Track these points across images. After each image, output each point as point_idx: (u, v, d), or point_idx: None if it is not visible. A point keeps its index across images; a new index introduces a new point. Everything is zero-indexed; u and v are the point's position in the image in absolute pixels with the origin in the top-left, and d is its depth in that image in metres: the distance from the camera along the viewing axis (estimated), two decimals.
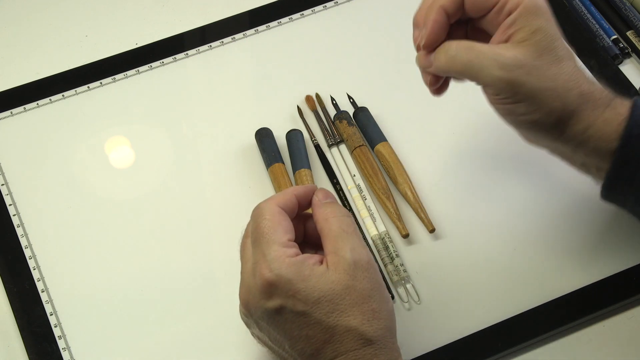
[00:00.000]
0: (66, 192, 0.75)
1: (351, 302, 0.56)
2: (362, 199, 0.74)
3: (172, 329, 0.69)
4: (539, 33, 0.62)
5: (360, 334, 0.56)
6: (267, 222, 0.58)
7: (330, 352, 0.56)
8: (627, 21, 0.84)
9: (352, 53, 0.83)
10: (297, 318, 0.56)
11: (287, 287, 0.56)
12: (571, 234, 0.72)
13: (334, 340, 0.56)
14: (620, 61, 0.82)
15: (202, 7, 0.87)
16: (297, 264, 0.57)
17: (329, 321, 0.56)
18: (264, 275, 0.56)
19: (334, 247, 0.58)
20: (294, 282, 0.56)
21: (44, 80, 0.82)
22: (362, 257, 0.57)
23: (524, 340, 0.67)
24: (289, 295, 0.56)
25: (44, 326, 0.69)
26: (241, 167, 0.76)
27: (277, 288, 0.56)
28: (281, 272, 0.56)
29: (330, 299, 0.56)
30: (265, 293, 0.57)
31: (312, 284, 0.56)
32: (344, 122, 0.77)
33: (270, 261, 0.57)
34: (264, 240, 0.58)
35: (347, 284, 0.56)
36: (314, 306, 0.56)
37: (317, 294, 0.56)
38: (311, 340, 0.56)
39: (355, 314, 0.56)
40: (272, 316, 0.57)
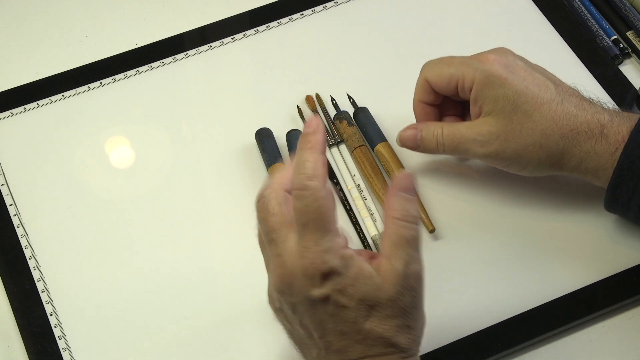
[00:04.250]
0: (66, 192, 0.75)
1: (390, 314, 0.56)
2: (362, 199, 0.74)
3: (172, 329, 0.69)
4: (499, 101, 0.66)
5: (392, 343, 0.56)
6: (322, 206, 0.55)
7: (358, 352, 0.56)
8: (627, 21, 0.84)
9: (352, 53, 0.83)
10: (337, 312, 0.55)
11: (336, 280, 0.55)
12: (571, 234, 0.72)
13: (365, 342, 0.56)
14: (620, 61, 0.82)
15: (202, 7, 0.87)
16: (348, 259, 0.55)
17: (365, 324, 0.55)
18: (315, 263, 0.55)
19: (390, 253, 0.56)
20: (343, 276, 0.55)
21: (44, 80, 0.82)
22: (414, 273, 0.56)
23: (524, 340, 0.67)
24: (336, 288, 0.55)
25: (44, 326, 0.69)
26: (241, 167, 0.76)
27: (326, 279, 0.55)
28: (333, 264, 0.54)
29: (371, 305, 0.55)
30: (312, 280, 0.55)
31: (359, 284, 0.55)
32: (344, 122, 0.77)
33: (324, 250, 0.55)
34: (319, 225, 0.55)
35: (391, 297, 0.55)
36: (355, 306, 0.55)
37: (360, 295, 0.55)
38: (343, 336, 0.56)
39: (391, 325, 0.56)
40: (313, 304, 0.56)
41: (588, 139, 0.65)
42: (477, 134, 0.68)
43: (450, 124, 0.70)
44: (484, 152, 0.68)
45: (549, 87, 0.67)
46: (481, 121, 0.68)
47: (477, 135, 0.68)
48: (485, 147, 0.67)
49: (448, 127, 0.69)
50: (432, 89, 0.71)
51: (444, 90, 0.70)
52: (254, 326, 0.68)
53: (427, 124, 0.71)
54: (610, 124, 0.65)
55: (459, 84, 0.69)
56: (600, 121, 0.65)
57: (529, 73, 0.67)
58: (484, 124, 0.67)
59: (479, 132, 0.67)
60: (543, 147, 0.66)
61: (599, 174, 0.66)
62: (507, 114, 0.66)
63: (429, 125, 0.71)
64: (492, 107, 0.67)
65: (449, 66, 0.69)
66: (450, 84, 0.69)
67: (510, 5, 0.86)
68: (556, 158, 0.66)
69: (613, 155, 0.65)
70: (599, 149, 0.65)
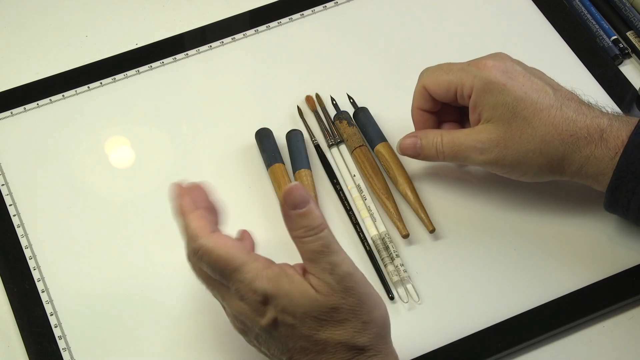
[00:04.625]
0: (66, 192, 0.75)
1: (339, 320, 0.56)
2: (362, 199, 0.74)
3: (172, 329, 0.69)
4: (499, 108, 0.66)
5: (351, 345, 0.56)
6: (218, 254, 0.57)
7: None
8: (627, 21, 0.84)
9: (352, 53, 0.83)
10: (289, 330, 0.56)
11: (274, 303, 0.56)
12: (571, 234, 0.72)
13: (327, 351, 0.56)
14: (620, 61, 0.82)
15: (202, 7, 0.87)
16: (275, 277, 0.56)
17: (318, 336, 0.56)
18: (249, 297, 0.56)
19: (313, 270, 0.57)
20: (277, 297, 0.56)
21: (44, 80, 0.82)
22: (344, 274, 0.56)
23: (524, 340, 0.67)
24: (278, 309, 0.56)
25: (44, 326, 0.69)
26: (241, 167, 0.76)
27: (264, 304, 0.56)
28: (264, 288, 0.56)
29: (315, 317, 0.56)
30: (256, 311, 0.57)
31: (296, 301, 0.56)
32: (344, 122, 0.77)
33: (249, 282, 0.56)
34: (230, 269, 0.57)
35: (333, 305, 0.56)
36: (301, 321, 0.56)
37: (301, 309, 0.56)
38: (306, 351, 0.57)
39: (345, 329, 0.56)
40: (268, 332, 0.57)
41: (588, 144, 0.65)
42: (476, 141, 0.67)
43: (449, 132, 0.70)
44: (483, 160, 0.68)
45: (547, 93, 0.67)
46: (480, 128, 0.68)
47: (476, 142, 0.67)
48: (485, 154, 0.67)
49: (447, 135, 0.69)
50: (430, 96, 0.71)
51: (443, 97, 0.70)
52: None
53: (426, 132, 0.71)
54: (610, 128, 0.65)
55: (458, 91, 0.68)
56: (599, 125, 0.65)
57: (528, 78, 0.67)
58: (484, 131, 0.67)
59: (479, 139, 0.67)
60: (543, 153, 0.66)
61: (599, 178, 0.66)
62: (506, 120, 0.66)
63: (428, 133, 0.70)
64: (491, 114, 0.67)
65: (447, 73, 0.69)
66: (449, 91, 0.69)
67: (510, 5, 0.86)
68: (556, 164, 0.66)
69: (613, 160, 0.65)
70: (598, 153, 0.65)
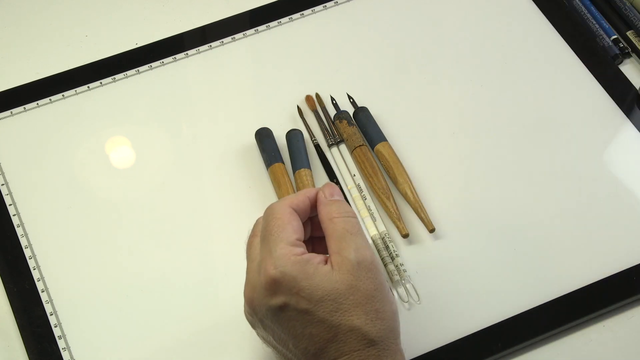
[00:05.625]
0: (66, 192, 0.75)
1: (354, 302, 0.56)
2: (362, 198, 0.74)
3: (172, 329, 0.69)
4: None
5: (363, 334, 0.56)
6: (276, 221, 0.58)
7: (333, 352, 0.56)
8: (627, 21, 0.84)
9: (352, 53, 0.83)
10: (300, 316, 0.56)
11: (291, 285, 0.56)
12: (571, 233, 0.72)
13: (338, 339, 0.56)
14: (620, 61, 0.82)
15: (202, 7, 0.87)
16: (302, 262, 0.56)
17: (332, 320, 0.56)
18: (268, 273, 0.56)
19: (338, 248, 0.57)
20: (297, 279, 0.56)
21: (44, 80, 0.82)
22: (366, 258, 0.57)
23: (524, 340, 0.67)
24: (293, 292, 0.56)
25: (44, 326, 0.69)
26: (241, 167, 0.76)
27: (281, 285, 0.56)
28: (286, 269, 0.56)
29: (333, 298, 0.56)
30: (269, 290, 0.57)
31: (316, 283, 0.56)
32: (344, 122, 0.77)
33: (276, 258, 0.56)
34: (272, 239, 0.58)
35: (351, 284, 0.56)
36: (317, 304, 0.56)
37: (320, 292, 0.56)
38: (315, 338, 0.56)
39: (358, 314, 0.56)
40: (276, 314, 0.57)
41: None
42: None
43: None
44: None
45: None
46: None
47: None
48: None
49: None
50: None
51: None
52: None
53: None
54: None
55: None
56: None
57: None
58: None
59: None
60: None
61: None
62: None
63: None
64: None
65: None
66: None
67: (510, 5, 0.86)
68: None
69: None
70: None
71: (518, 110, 0.79)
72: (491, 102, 0.79)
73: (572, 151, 0.76)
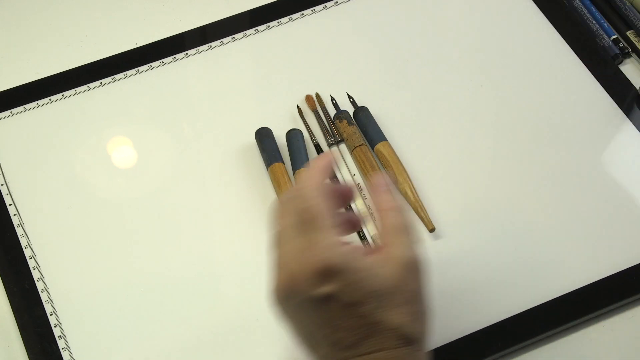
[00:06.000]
0: (66, 192, 0.75)
1: (399, 302, 0.55)
2: (362, 198, 0.74)
3: (172, 329, 0.69)
4: None
5: (402, 334, 0.54)
6: (320, 206, 0.55)
7: (368, 346, 0.54)
8: (627, 21, 0.84)
9: (352, 53, 0.83)
10: (343, 309, 0.54)
11: (339, 277, 0.54)
12: (571, 233, 0.72)
13: (375, 336, 0.54)
14: (620, 61, 0.82)
15: (202, 7, 0.87)
16: (350, 253, 0.54)
17: (374, 316, 0.54)
18: (315, 262, 0.54)
19: (389, 242, 0.56)
20: (345, 272, 0.54)
21: (44, 80, 0.82)
22: (413, 257, 0.56)
23: (524, 339, 0.67)
24: (342, 284, 0.54)
25: (44, 326, 0.69)
26: (241, 167, 0.76)
27: (328, 276, 0.54)
28: (335, 260, 0.54)
29: (378, 295, 0.54)
30: (314, 280, 0.54)
31: (363, 277, 0.54)
32: (344, 121, 0.77)
33: (324, 248, 0.54)
34: (317, 225, 0.55)
35: (397, 283, 0.55)
36: (362, 299, 0.54)
37: (367, 287, 0.54)
38: (353, 332, 0.54)
39: (401, 314, 0.54)
40: (317, 304, 0.54)
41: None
42: None
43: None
44: None
45: None
46: None
47: None
48: None
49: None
50: None
51: None
52: (253, 325, 0.68)
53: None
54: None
55: None
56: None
57: None
58: None
59: None
60: None
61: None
62: None
63: None
64: None
65: None
66: None
67: (510, 5, 0.86)
68: None
69: None
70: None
71: (518, 110, 0.79)
72: (491, 102, 0.79)
73: (572, 151, 0.76)
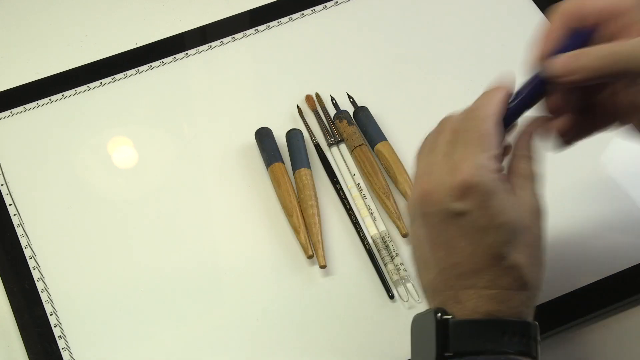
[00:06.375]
0: (66, 192, 0.75)
1: (525, 242, 0.54)
2: (362, 198, 0.74)
3: (172, 329, 0.69)
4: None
5: (521, 275, 0.54)
6: (490, 126, 0.55)
7: (485, 281, 0.54)
8: None
9: (352, 53, 0.83)
10: (473, 231, 0.53)
11: (481, 198, 0.53)
12: (570, 233, 0.72)
13: (494, 270, 0.53)
14: None
15: (202, 7, 0.87)
16: (499, 181, 0.54)
17: (500, 249, 0.53)
18: (464, 175, 0.53)
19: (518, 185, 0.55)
20: (489, 195, 0.53)
21: (44, 80, 0.82)
22: (541, 205, 0.56)
23: None
24: (479, 206, 0.53)
25: (44, 326, 0.69)
26: (241, 167, 0.76)
27: (471, 194, 0.53)
28: (483, 180, 0.53)
29: (511, 231, 0.53)
30: (457, 192, 0.53)
31: (503, 207, 0.53)
32: (344, 121, 0.77)
33: (478, 165, 0.53)
34: (477, 143, 0.54)
35: (529, 224, 0.54)
36: (494, 228, 0.53)
37: (504, 218, 0.53)
38: (473, 259, 0.54)
39: (524, 254, 0.54)
40: (450, 218, 0.54)
41: None
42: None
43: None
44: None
45: None
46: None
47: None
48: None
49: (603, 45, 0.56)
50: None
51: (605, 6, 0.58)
52: (253, 325, 0.68)
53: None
54: None
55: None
56: None
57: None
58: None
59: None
60: None
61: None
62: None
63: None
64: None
65: None
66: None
67: (510, 5, 0.86)
68: None
69: None
70: None
71: None
72: None
73: (572, 151, 0.76)
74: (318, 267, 0.70)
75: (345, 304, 0.69)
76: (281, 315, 0.69)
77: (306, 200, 0.72)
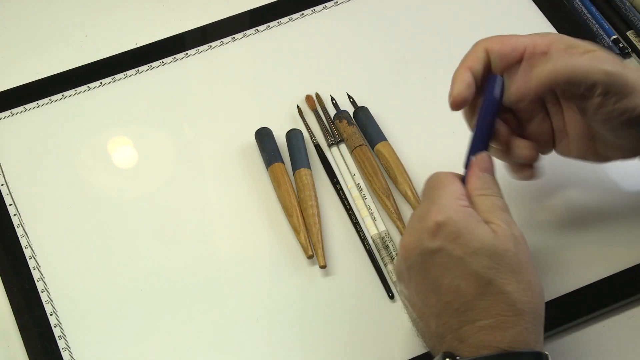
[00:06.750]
0: (66, 192, 0.75)
1: (509, 268, 0.55)
2: (362, 198, 0.74)
3: (172, 329, 0.69)
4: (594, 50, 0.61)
5: (512, 301, 0.54)
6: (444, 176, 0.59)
7: (479, 311, 0.54)
8: (627, 21, 0.84)
9: (352, 53, 0.83)
10: (453, 264, 0.55)
11: (451, 230, 0.55)
12: (570, 233, 0.72)
13: (486, 298, 0.54)
14: None
15: (202, 6, 0.87)
16: (466, 212, 0.56)
17: (485, 274, 0.54)
18: (431, 217, 0.56)
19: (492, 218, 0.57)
20: (459, 226, 0.55)
21: (44, 80, 0.82)
22: (518, 232, 0.57)
23: None
24: (451, 238, 0.55)
25: (44, 326, 0.69)
26: (241, 167, 0.76)
27: (441, 229, 0.55)
28: (449, 214, 0.55)
29: (489, 254, 0.54)
30: (429, 234, 0.55)
31: (477, 234, 0.55)
32: (344, 121, 0.77)
33: (441, 205, 0.56)
34: (437, 193, 0.57)
35: (508, 248, 0.55)
36: (472, 255, 0.54)
37: (478, 244, 0.54)
38: (462, 292, 0.54)
39: (511, 280, 0.54)
40: (428, 257, 0.55)
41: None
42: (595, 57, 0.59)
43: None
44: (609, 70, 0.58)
45: None
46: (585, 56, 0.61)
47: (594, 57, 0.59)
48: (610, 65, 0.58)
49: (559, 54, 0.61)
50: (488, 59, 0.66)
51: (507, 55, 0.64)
52: (253, 325, 0.68)
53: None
54: None
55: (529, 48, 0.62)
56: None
57: None
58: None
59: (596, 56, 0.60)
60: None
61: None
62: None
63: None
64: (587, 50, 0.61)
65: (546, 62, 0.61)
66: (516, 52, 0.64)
67: (510, 5, 0.86)
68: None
69: None
70: None
71: None
72: None
73: None
74: (318, 267, 0.70)
75: (345, 304, 0.69)
76: (281, 315, 0.69)
77: (306, 200, 0.72)
